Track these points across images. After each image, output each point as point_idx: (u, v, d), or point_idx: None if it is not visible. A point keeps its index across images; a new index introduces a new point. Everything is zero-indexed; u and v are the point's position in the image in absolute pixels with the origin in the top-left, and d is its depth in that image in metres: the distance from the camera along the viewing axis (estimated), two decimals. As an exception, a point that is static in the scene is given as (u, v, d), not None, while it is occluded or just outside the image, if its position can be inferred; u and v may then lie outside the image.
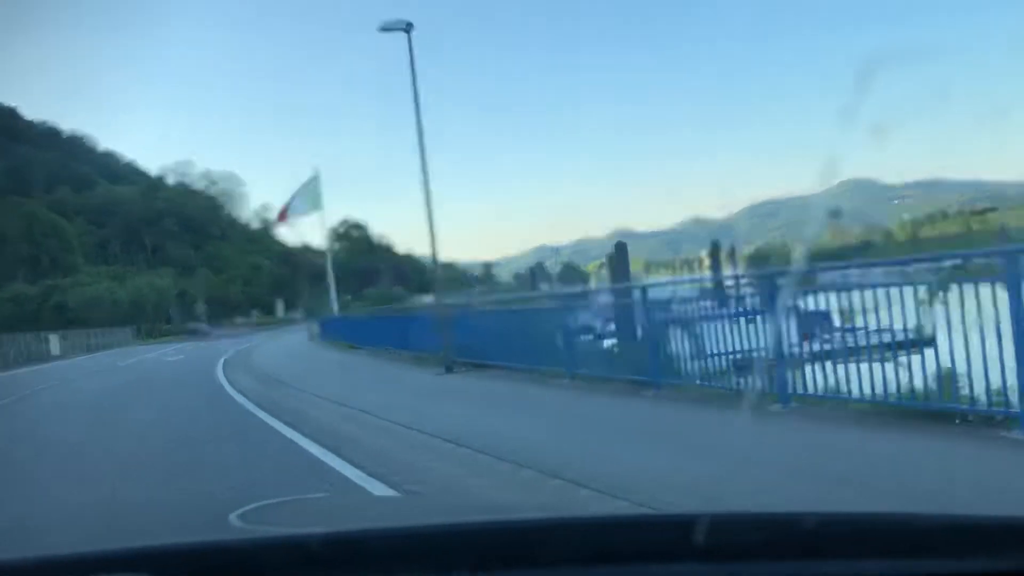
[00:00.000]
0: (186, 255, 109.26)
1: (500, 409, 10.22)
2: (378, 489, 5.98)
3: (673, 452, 6.56)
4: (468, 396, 11.92)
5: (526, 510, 2.33)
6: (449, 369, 14.84)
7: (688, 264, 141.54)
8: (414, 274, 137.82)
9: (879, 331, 6.74)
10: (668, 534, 1.21)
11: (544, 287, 66.64)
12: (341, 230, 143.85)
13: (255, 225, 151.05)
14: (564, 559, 1.18)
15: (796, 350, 7.76)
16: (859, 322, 7.17)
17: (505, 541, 1.25)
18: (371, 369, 18.35)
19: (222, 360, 27.13)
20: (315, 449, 8.11)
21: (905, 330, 6.56)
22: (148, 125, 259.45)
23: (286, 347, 34.45)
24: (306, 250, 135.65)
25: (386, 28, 16.64)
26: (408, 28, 16.53)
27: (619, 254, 44.74)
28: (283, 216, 38.50)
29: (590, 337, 12.92)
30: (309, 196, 36.43)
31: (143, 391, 18.32)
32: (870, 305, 6.92)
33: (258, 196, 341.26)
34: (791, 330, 7.69)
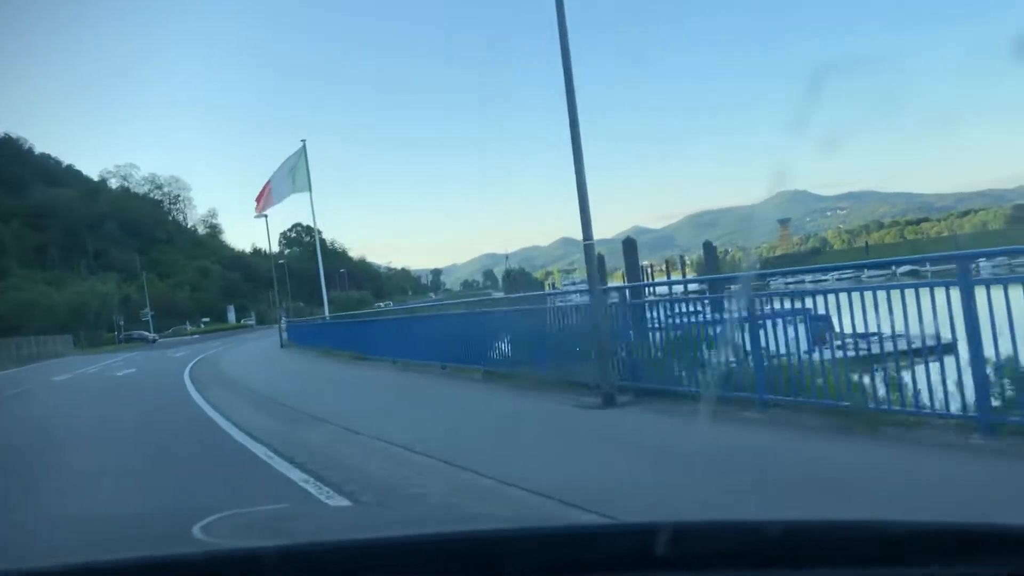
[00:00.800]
0: (130, 260, 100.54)
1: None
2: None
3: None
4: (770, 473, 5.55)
5: (488, 521, 2.08)
6: (610, 400, 8.52)
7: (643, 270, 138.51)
8: (368, 280, 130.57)
9: (892, 337, 6.33)
10: (632, 544, 1.15)
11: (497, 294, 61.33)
12: (292, 234, 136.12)
13: (202, 230, 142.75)
14: (526, 570, 1.14)
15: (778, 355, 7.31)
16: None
17: (467, 552, 1.19)
18: (440, 393, 11.87)
19: (187, 374, 20.58)
20: None
21: (915, 336, 6.17)
22: (87, 128, 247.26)
23: (262, 357, 27.91)
24: (257, 254, 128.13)
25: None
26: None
27: (628, 250, 37.49)
28: (261, 200, 30.42)
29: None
30: (293, 175, 28.92)
31: (84, 440, 10.66)
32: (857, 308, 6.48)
33: (205, 200, 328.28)
34: (787, 334, 7.32)
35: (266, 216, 31.55)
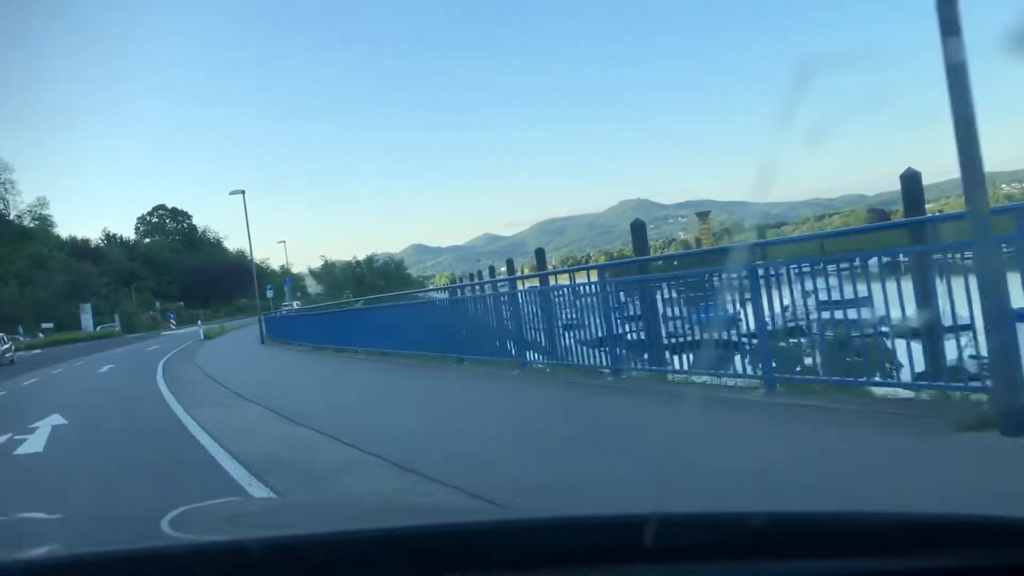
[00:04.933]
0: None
1: None
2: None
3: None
4: None
5: (470, 512, 2.05)
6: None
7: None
8: (244, 278, 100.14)
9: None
10: (617, 535, 1.10)
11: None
12: (153, 219, 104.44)
13: (29, 222, 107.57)
14: (511, 562, 1.08)
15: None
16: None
17: (450, 544, 1.12)
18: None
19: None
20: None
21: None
22: None
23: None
24: (111, 242, 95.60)
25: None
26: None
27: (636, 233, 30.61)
28: None
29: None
30: None
31: None
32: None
33: (32, 187, 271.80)
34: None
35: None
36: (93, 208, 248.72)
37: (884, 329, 5.96)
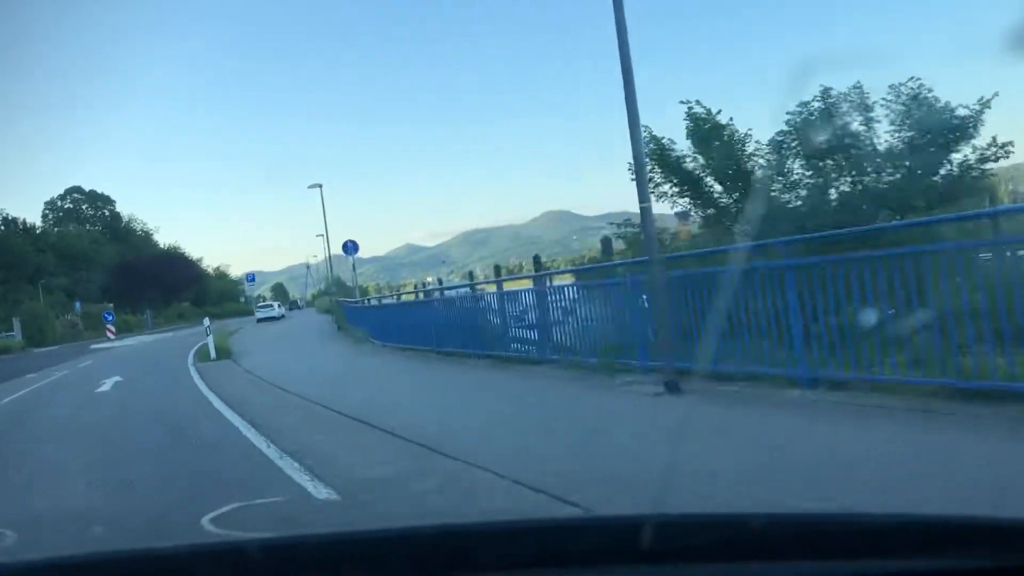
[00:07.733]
0: None
1: None
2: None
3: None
4: None
5: (470, 515, 1.94)
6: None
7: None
8: (183, 278, 79.87)
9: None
10: (615, 537, 1.09)
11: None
12: (66, 204, 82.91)
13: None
14: (510, 563, 1.07)
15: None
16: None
17: (450, 546, 1.11)
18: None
19: None
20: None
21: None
22: None
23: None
24: (9, 226, 73.11)
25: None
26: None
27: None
28: None
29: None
30: None
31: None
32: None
33: None
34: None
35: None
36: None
37: None
